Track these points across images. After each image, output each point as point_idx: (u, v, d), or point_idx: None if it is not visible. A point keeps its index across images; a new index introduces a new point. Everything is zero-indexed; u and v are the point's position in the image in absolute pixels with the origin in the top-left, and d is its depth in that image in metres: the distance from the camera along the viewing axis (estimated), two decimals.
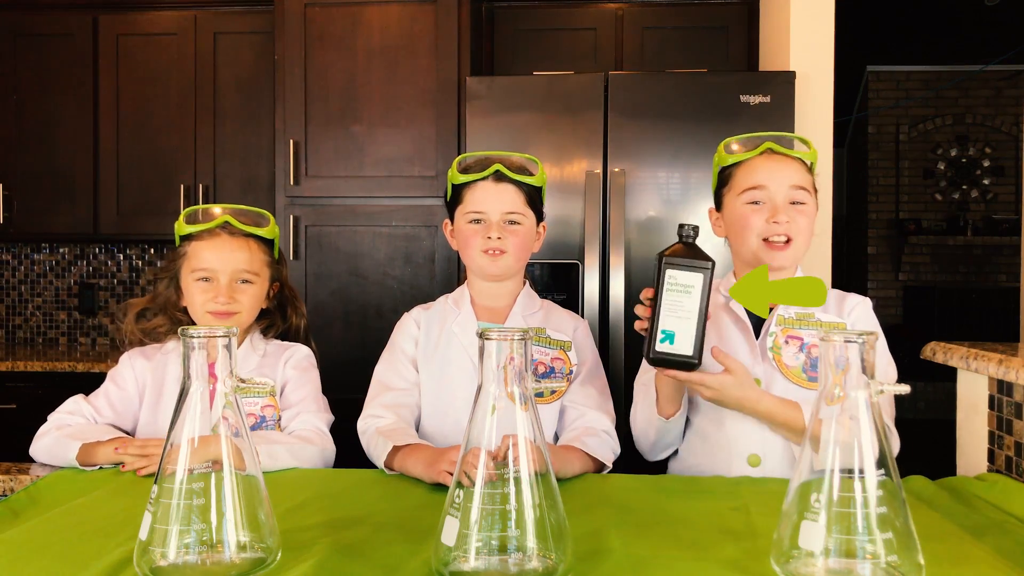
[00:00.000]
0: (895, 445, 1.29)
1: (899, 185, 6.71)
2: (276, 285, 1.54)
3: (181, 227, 1.46)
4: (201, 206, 1.49)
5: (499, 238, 1.42)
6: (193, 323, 1.51)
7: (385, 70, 2.64)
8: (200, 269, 1.43)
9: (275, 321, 1.56)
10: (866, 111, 6.67)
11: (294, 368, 1.50)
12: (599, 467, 1.34)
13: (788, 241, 1.36)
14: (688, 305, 1.14)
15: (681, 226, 1.17)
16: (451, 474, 1.07)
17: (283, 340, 1.57)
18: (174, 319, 1.50)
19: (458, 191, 1.47)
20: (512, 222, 1.44)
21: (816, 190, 1.42)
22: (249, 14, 2.91)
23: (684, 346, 1.14)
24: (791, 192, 1.36)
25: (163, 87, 2.94)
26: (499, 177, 1.43)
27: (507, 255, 1.43)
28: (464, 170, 1.45)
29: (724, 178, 1.44)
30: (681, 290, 1.14)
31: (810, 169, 1.42)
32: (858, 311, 1.39)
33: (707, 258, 1.15)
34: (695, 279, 1.14)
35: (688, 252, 1.15)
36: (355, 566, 0.83)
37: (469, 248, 1.45)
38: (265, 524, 0.81)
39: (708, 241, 2.32)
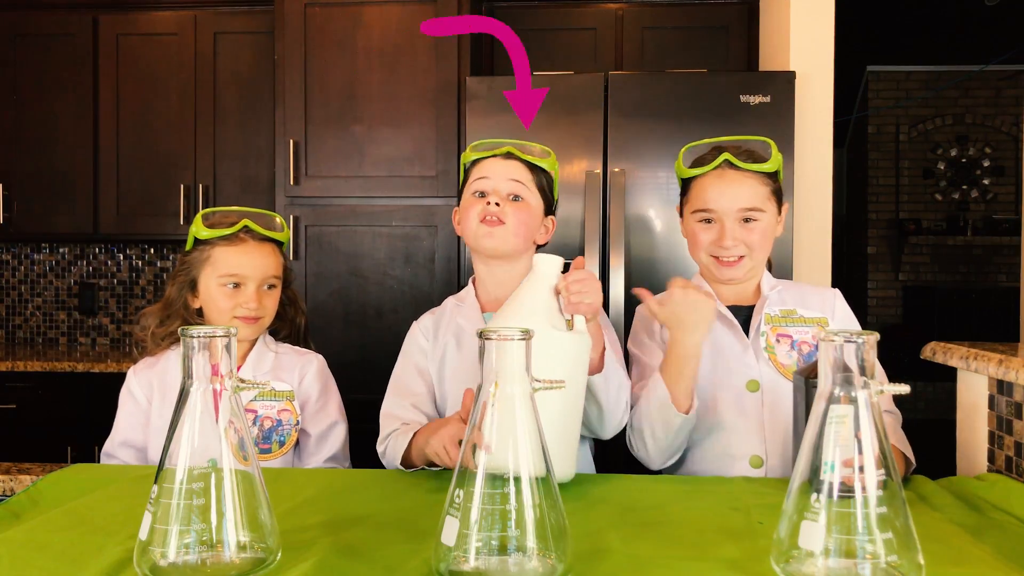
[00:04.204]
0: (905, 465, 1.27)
1: (899, 185, 6.71)
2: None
3: (200, 230, 1.44)
4: (218, 208, 1.48)
5: (498, 205, 1.36)
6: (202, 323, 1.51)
7: (385, 70, 2.64)
8: (229, 275, 1.42)
9: (284, 321, 1.56)
10: (866, 111, 6.66)
11: (315, 379, 1.50)
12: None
13: (740, 258, 1.37)
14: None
15: None
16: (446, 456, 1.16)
17: (286, 339, 1.57)
18: (189, 322, 1.50)
19: (468, 171, 1.44)
20: (516, 197, 1.39)
21: (779, 196, 1.41)
22: (249, 14, 2.91)
23: None
24: (741, 213, 1.36)
25: (163, 87, 2.95)
26: (509, 156, 1.40)
27: (506, 228, 1.36)
28: (477, 149, 1.44)
29: (683, 188, 1.46)
30: None
31: (774, 175, 1.40)
32: (839, 308, 1.41)
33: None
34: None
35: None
36: (355, 566, 0.83)
37: (467, 220, 1.39)
38: (265, 524, 0.81)
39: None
